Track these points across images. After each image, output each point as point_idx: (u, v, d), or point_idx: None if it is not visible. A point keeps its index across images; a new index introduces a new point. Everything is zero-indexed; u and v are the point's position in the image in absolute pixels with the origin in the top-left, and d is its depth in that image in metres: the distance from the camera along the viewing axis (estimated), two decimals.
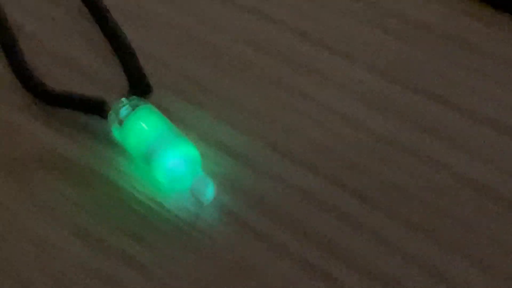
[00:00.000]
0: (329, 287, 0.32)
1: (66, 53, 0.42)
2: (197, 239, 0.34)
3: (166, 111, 0.36)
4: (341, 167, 0.36)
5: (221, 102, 0.39)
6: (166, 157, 0.35)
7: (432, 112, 0.38)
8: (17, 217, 0.36)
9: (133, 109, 0.36)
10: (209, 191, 0.34)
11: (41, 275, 0.34)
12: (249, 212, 0.35)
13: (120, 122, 0.36)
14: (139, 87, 0.38)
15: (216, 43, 0.42)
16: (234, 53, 0.41)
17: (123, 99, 0.37)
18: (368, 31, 0.42)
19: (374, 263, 0.32)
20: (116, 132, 0.36)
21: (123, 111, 0.36)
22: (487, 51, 0.41)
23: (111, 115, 0.36)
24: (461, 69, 0.40)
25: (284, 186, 0.36)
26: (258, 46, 0.41)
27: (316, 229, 0.34)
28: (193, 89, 0.40)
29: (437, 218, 0.34)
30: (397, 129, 0.37)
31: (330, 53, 0.41)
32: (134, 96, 0.37)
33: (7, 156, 0.38)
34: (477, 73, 0.40)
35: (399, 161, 0.36)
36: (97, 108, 0.37)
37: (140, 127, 0.36)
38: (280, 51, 0.41)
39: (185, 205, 0.35)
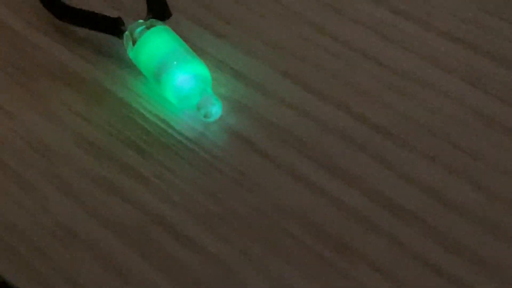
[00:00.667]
0: (331, 204, 0.32)
1: None
2: (199, 156, 0.35)
3: (183, 37, 0.36)
4: (354, 96, 0.36)
5: (240, 32, 0.39)
6: (176, 73, 0.35)
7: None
8: (22, 123, 0.37)
9: (148, 29, 0.36)
10: (216, 109, 0.35)
11: (43, 178, 0.34)
12: (255, 134, 0.35)
13: (134, 42, 0.36)
14: (157, 10, 0.38)
15: None
16: None
17: (140, 20, 0.37)
18: None
19: (378, 186, 0.33)
20: (130, 52, 0.37)
21: (138, 31, 0.37)
22: None
23: (126, 35, 0.37)
24: None
25: (295, 113, 0.36)
26: None
27: (322, 150, 0.34)
28: (214, 19, 0.40)
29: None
30: (415, 65, 0.37)
31: None
32: (151, 19, 0.37)
33: (19, 67, 0.39)
34: None
35: (413, 94, 0.36)
36: (113, 27, 0.37)
37: (153, 43, 0.36)
38: None
39: (191, 123, 0.36)
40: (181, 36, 0.37)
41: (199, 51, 0.37)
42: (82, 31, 0.39)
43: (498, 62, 0.37)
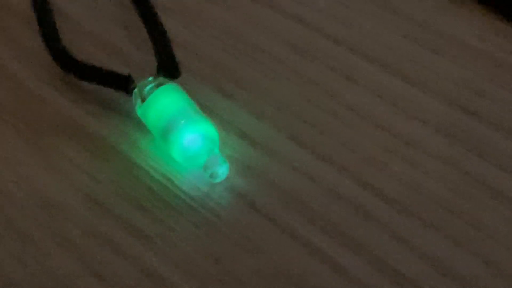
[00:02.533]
0: (333, 271, 0.33)
1: (101, 35, 0.44)
2: (203, 216, 0.35)
3: (191, 96, 0.38)
4: (366, 167, 0.37)
5: (249, 94, 0.40)
6: (183, 132, 0.36)
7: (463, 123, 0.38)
8: (26, 177, 0.37)
9: (158, 87, 0.38)
10: (223, 170, 0.36)
11: (44, 234, 0.35)
12: (260, 197, 0.36)
13: (143, 99, 0.38)
14: (167, 68, 0.39)
15: (253, 41, 0.43)
16: (270, 52, 0.43)
17: (150, 78, 0.39)
18: (404, 43, 0.42)
19: (382, 255, 0.33)
20: (138, 109, 0.38)
21: (148, 88, 0.38)
22: None
23: (135, 92, 0.38)
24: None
25: (301, 178, 0.36)
26: (294, 48, 0.43)
27: (327, 217, 0.35)
28: (223, 79, 0.41)
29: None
30: (424, 134, 0.38)
31: (364, 61, 0.42)
32: (160, 77, 0.39)
33: (25, 120, 0.40)
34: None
35: (424, 163, 0.37)
36: (123, 84, 0.39)
37: (161, 102, 0.37)
38: (315, 55, 0.42)
39: (196, 183, 0.37)
40: (189, 95, 0.38)
41: (207, 110, 0.38)
42: (90, 86, 0.40)
43: (504, 132, 0.38)
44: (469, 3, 0.44)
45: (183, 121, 0.36)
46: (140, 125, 0.38)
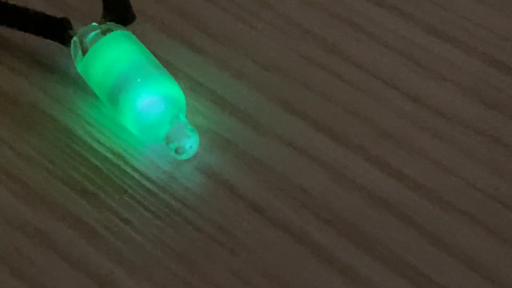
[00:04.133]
0: (337, 272, 0.32)
1: None
2: (166, 203, 0.35)
3: (150, 49, 0.38)
4: (381, 143, 0.37)
5: (225, 48, 0.40)
6: (139, 93, 0.36)
7: None
8: None
9: (104, 34, 0.37)
10: (191, 143, 0.35)
11: None
12: (241, 178, 0.36)
13: (85, 51, 0.37)
14: (117, 11, 0.38)
15: None
16: None
17: (94, 23, 0.38)
18: None
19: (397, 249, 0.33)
20: (78, 64, 0.38)
21: (91, 36, 0.37)
22: None
23: (75, 41, 0.38)
24: None
25: (295, 154, 0.37)
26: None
27: (327, 203, 0.35)
28: (191, 28, 0.41)
29: None
30: (454, 100, 0.38)
31: (377, 6, 0.42)
32: (109, 22, 0.38)
33: None
34: None
35: (456, 138, 0.37)
36: (58, 30, 0.38)
37: (109, 53, 0.37)
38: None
39: (157, 161, 0.36)
40: (147, 48, 0.37)
41: (171, 68, 0.37)
42: (17, 37, 0.40)
43: None
44: None
45: (138, 79, 0.36)
46: (81, 85, 0.38)
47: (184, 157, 0.35)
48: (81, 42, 0.37)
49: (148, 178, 0.35)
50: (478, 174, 0.36)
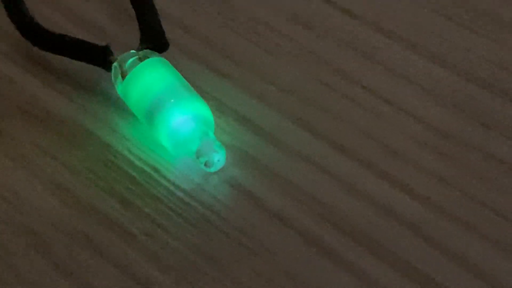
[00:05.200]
0: (351, 274, 0.33)
1: (73, 6, 0.44)
2: (196, 211, 0.35)
3: (182, 74, 0.37)
4: (376, 153, 0.37)
5: (248, 73, 0.40)
6: (172, 112, 0.36)
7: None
8: None
9: (141, 60, 0.37)
10: (219, 157, 0.35)
11: (8, 229, 0.35)
12: (263, 189, 0.36)
13: (125, 75, 0.37)
14: (153, 40, 0.39)
15: (253, 13, 0.43)
16: (273, 25, 0.43)
17: (132, 50, 0.38)
18: (431, 18, 0.42)
19: (405, 255, 0.33)
20: (118, 87, 0.38)
21: (130, 62, 0.38)
22: None
23: (115, 67, 0.38)
24: None
25: (309, 168, 0.36)
26: (302, 21, 0.43)
27: (339, 212, 0.35)
28: (218, 56, 0.41)
29: None
30: (445, 118, 0.38)
31: (385, 37, 0.42)
32: (145, 50, 0.38)
33: None
34: None
35: (456, 155, 0.37)
36: (100, 56, 0.38)
37: (146, 77, 0.37)
38: (327, 29, 0.42)
39: (188, 173, 0.36)
40: (179, 73, 0.38)
41: (200, 91, 0.37)
42: (62, 62, 0.40)
43: None
44: None
45: (172, 100, 0.36)
46: (120, 106, 0.38)
47: (212, 170, 0.36)
48: (121, 68, 0.37)
49: (180, 189, 0.36)
50: (476, 187, 0.35)
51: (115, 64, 0.38)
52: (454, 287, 0.32)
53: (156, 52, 0.38)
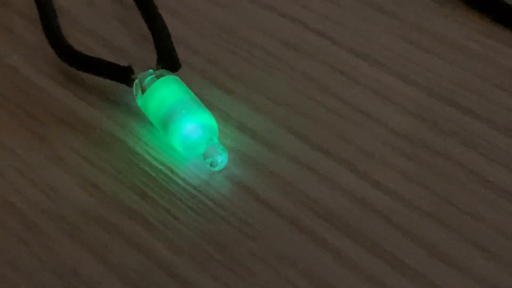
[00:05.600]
0: (315, 245, 0.33)
1: (101, 31, 0.44)
2: (203, 203, 0.35)
3: (191, 90, 0.37)
4: (351, 153, 0.37)
5: (246, 88, 0.40)
6: (183, 122, 0.35)
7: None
8: (29, 165, 0.37)
9: (158, 78, 0.37)
10: (222, 158, 0.35)
11: (47, 218, 0.34)
12: (259, 185, 0.35)
13: (144, 90, 0.37)
14: (167, 61, 0.38)
15: (250, 38, 0.43)
16: (267, 48, 0.42)
17: (150, 70, 0.38)
18: (397, 43, 0.42)
19: (379, 240, 0.33)
20: (139, 100, 0.38)
21: (148, 79, 0.37)
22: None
23: (136, 83, 0.38)
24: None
25: (298, 167, 0.36)
26: (290, 45, 0.42)
27: (324, 204, 0.35)
28: (221, 74, 0.41)
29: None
30: (415, 126, 0.38)
31: (359, 58, 0.42)
32: (161, 69, 0.38)
33: (29, 112, 0.39)
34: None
35: (417, 155, 0.36)
36: (123, 75, 0.38)
37: (162, 92, 0.36)
38: (310, 52, 0.42)
39: (196, 172, 0.36)
40: (189, 89, 0.37)
41: (207, 104, 0.37)
42: (91, 79, 0.40)
43: (489, 123, 0.38)
44: (459, 6, 0.44)
45: (183, 111, 0.36)
46: (140, 116, 0.38)
47: (216, 169, 0.35)
48: (141, 84, 0.37)
49: (190, 184, 0.35)
50: (435, 182, 0.35)
51: (136, 81, 0.38)
52: (415, 265, 0.32)
53: (170, 71, 0.38)
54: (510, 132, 0.37)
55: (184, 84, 0.37)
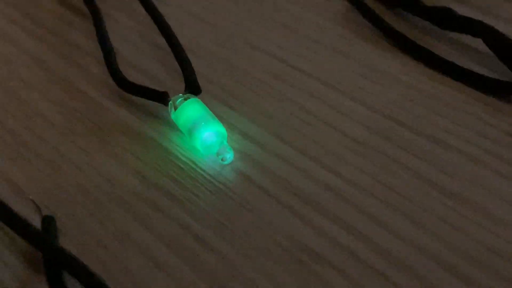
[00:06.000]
0: (295, 217, 0.32)
1: (143, 66, 0.44)
2: (216, 187, 0.35)
3: (208, 107, 0.38)
4: (320, 153, 0.36)
5: (246, 107, 0.40)
6: (203, 130, 0.36)
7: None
8: (95, 160, 0.37)
9: (185, 100, 0.38)
10: (230, 155, 0.36)
11: (108, 198, 0.34)
12: (257, 176, 0.35)
13: (176, 108, 0.38)
14: (192, 88, 0.39)
15: (251, 74, 0.43)
16: (261, 79, 0.42)
17: (180, 94, 0.39)
18: (352, 75, 0.42)
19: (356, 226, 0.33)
20: (172, 115, 0.38)
21: (179, 101, 0.38)
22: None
23: (170, 103, 0.38)
24: None
25: (283, 162, 0.36)
26: (278, 78, 0.42)
27: (303, 190, 0.34)
28: (228, 97, 0.41)
29: None
30: (366, 134, 0.37)
31: (326, 87, 0.42)
32: (188, 94, 0.38)
33: (94, 122, 0.39)
34: None
35: (367, 154, 0.36)
36: (162, 98, 0.39)
37: (188, 109, 0.37)
38: (292, 82, 0.42)
39: (211, 164, 0.36)
40: (207, 107, 0.38)
41: (218, 117, 0.37)
42: (139, 100, 0.40)
43: (419, 135, 0.37)
44: (396, 52, 0.44)
45: (203, 123, 0.36)
46: (173, 126, 0.38)
47: (226, 163, 0.36)
48: (174, 104, 0.38)
49: (207, 173, 0.36)
50: (382, 175, 0.35)
51: (170, 102, 0.38)
52: (367, 233, 0.32)
53: (193, 95, 0.38)
54: (432, 138, 0.37)
55: (203, 104, 0.37)
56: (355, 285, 0.29)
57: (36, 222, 0.32)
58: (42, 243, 0.30)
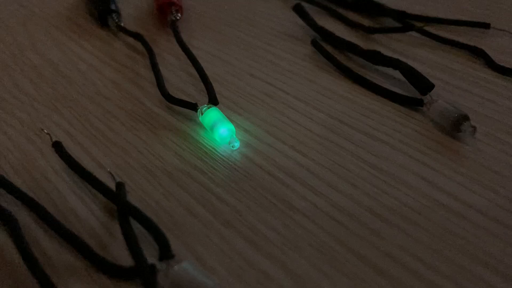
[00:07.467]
0: (291, 192, 0.31)
1: (179, 85, 0.43)
2: (229, 164, 0.35)
3: (223, 113, 0.37)
4: (302, 144, 0.36)
5: (247, 114, 0.40)
6: (220, 127, 0.36)
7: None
8: (153, 146, 0.36)
9: (208, 108, 0.38)
10: (237, 144, 0.36)
11: (159, 172, 0.34)
12: (256, 157, 0.35)
13: (202, 113, 0.38)
14: (213, 101, 0.39)
15: (248, 90, 0.43)
16: (257, 96, 0.42)
17: (205, 104, 0.38)
18: (311, 92, 0.41)
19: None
20: (200, 117, 0.38)
21: (204, 108, 0.38)
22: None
23: (198, 110, 0.38)
24: None
25: (274, 150, 0.36)
26: (267, 94, 0.42)
27: (290, 169, 0.34)
28: (235, 107, 0.40)
29: None
30: (322, 130, 0.37)
31: (298, 101, 0.41)
32: (210, 104, 0.38)
33: (148, 122, 0.39)
34: None
35: (323, 143, 0.36)
36: (193, 107, 0.38)
37: (210, 114, 0.37)
38: (277, 99, 0.41)
39: (225, 149, 0.36)
40: (222, 112, 0.37)
41: (229, 119, 0.37)
42: (178, 108, 0.40)
43: (364, 133, 0.37)
44: (347, 80, 0.43)
45: (219, 123, 0.36)
46: (200, 124, 0.38)
47: (234, 149, 0.36)
48: (201, 110, 0.38)
49: (222, 155, 0.35)
50: (336, 167, 0.34)
51: (198, 110, 0.38)
52: (324, 192, 0.31)
53: (213, 105, 0.38)
54: (365, 132, 0.36)
55: (220, 111, 0.37)
56: (319, 228, 0.29)
57: (112, 186, 0.31)
58: (116, 198, 0.31)
